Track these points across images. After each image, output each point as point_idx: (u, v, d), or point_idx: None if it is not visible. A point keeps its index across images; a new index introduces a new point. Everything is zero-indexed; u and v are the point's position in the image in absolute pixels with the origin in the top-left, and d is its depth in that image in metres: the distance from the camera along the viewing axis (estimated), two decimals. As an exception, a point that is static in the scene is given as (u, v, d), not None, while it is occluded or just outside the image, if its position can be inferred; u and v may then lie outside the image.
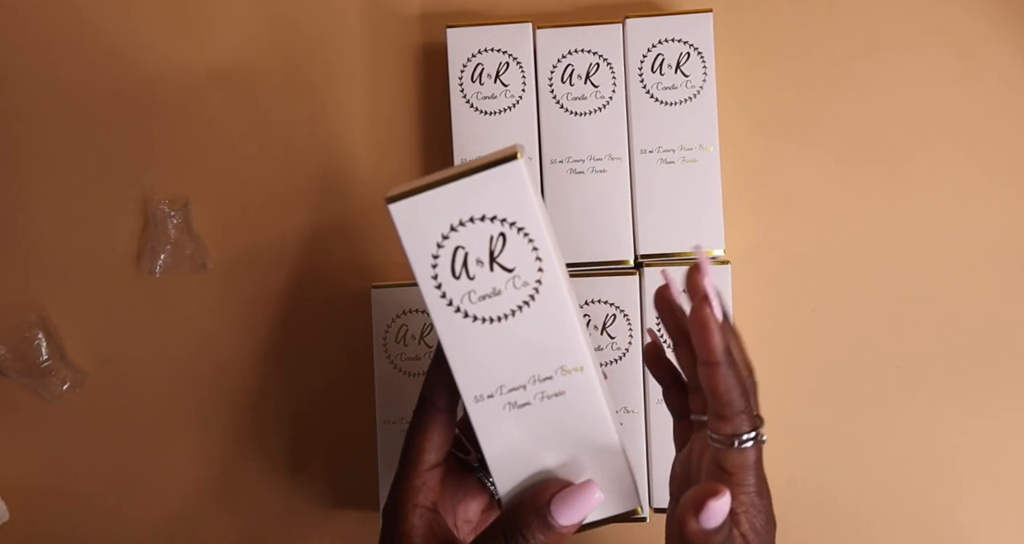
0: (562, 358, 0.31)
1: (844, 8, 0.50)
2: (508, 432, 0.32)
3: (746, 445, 0.31)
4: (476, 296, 0.30)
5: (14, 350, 0.50)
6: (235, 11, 0.52)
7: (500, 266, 0.30)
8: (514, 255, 0.30)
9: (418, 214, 0.29)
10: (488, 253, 0.29)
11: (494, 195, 0.29)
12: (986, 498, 0.49)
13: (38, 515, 0.52)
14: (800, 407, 0.50)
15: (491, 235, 0.29)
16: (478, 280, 0.30)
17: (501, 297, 0.30)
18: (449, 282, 0.30)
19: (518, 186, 0.29)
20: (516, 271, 0.30)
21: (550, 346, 0.30)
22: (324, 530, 0.52)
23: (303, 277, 0.52)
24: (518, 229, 0.29)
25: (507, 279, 0.30)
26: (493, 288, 0.30)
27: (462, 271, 0.30)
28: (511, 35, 0.47)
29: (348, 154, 0.52)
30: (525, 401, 0.31)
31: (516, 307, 0.30)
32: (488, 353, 0.30)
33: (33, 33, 0.53)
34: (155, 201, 0.51)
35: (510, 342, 0.30)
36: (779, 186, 0.50)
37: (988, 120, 0.49)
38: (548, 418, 0.31)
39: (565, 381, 0.31)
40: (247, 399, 0.52)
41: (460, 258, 0.29)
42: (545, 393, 0.31)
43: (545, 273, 0.30)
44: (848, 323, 0.49)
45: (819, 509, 0.49)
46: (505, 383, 0.31)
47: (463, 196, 0.29)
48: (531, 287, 0.30)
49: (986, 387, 0.49)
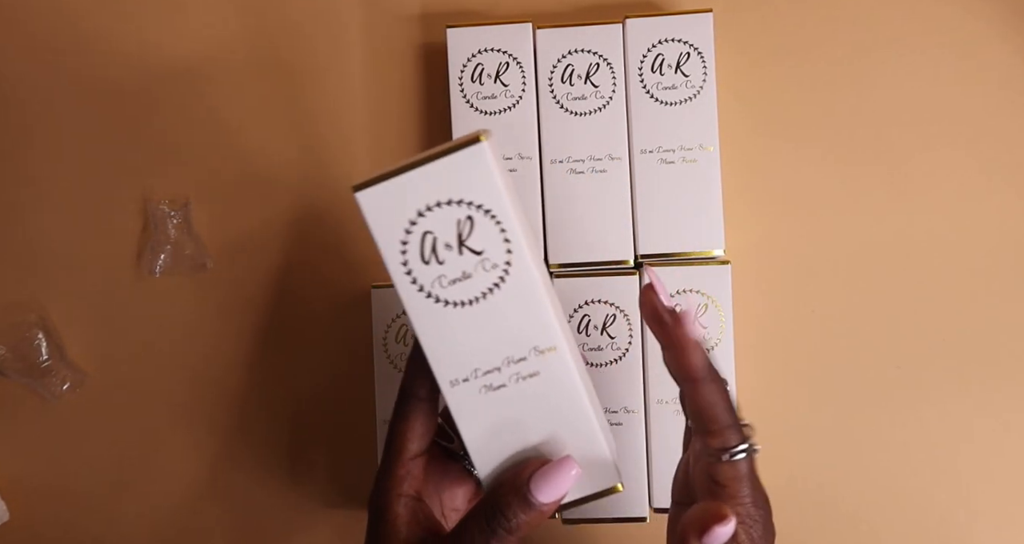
0: (535, 339, 0.31)
1: (844, 8, 0.50)
2: (485, 415, 0.32)
3: (737, 457, 0.31)
4: (447, 280, 0.30)
5: (14, 350, 0.50)
6: (235, 11, 0.52)
7: (469, 249, 0.30)
8: (482, 238, 0.30)
9: (385, 201, 0.29)
10: (456, 237, 0.30)
11: (460, 179, 0.29)
12: (986, 498, 0.49)
13: (38, 515, 0.52)
14: (800, 407, 0.50)
15: (458, 219, 0.29)
16: (448, 264, 0.30)
17: (472, 280, 0.30)
18: (419, 268, 0.30)
19: (483, 169, 0.29)
20: (485, 253, 0.30)
21: (522, 327, 0.31)
22: (324, 529, 0.52)
23: (303, 277, 0.52)
24: (484, 211, 0.29)
25: (476, 262, 0.30)
26: (463, 272, 0.30)
27: (431, 256, 0.30)
28: (511, 35, 0.47)
29: (348, 154, 0.52)
30: (500, 383, 0.31)
31: (487, 289, 0.30)
32: (461, 337, 0.31)
33: (32, 33, 0.53)
34: (155, 201, 0.51)
35: (482, 325, 0.30)
36: (779, 186, 0.50)
37: (988, 120, 0.49)
38: (524, 400, 0.31)
39: (539, 362, 0.31)
40: (247, 399, 0.52)
41: (429, 243, 0.30)
42: (520, 374, 0.31)
43: (514, 255, 0.30)
44: (848, 323, 0.49)
45: (819, 509, 0.49)
46: (480, 366, 0.31)
47: (429, 181, 0.29)
48: (500, 269, 0.30)
49: (986, 387, 0.49)
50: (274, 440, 0.52)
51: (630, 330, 0.47)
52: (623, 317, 0.47)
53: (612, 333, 0.47)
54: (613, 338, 0.47)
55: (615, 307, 0.47)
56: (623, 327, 0.47)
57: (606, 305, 0.47)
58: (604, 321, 0.47)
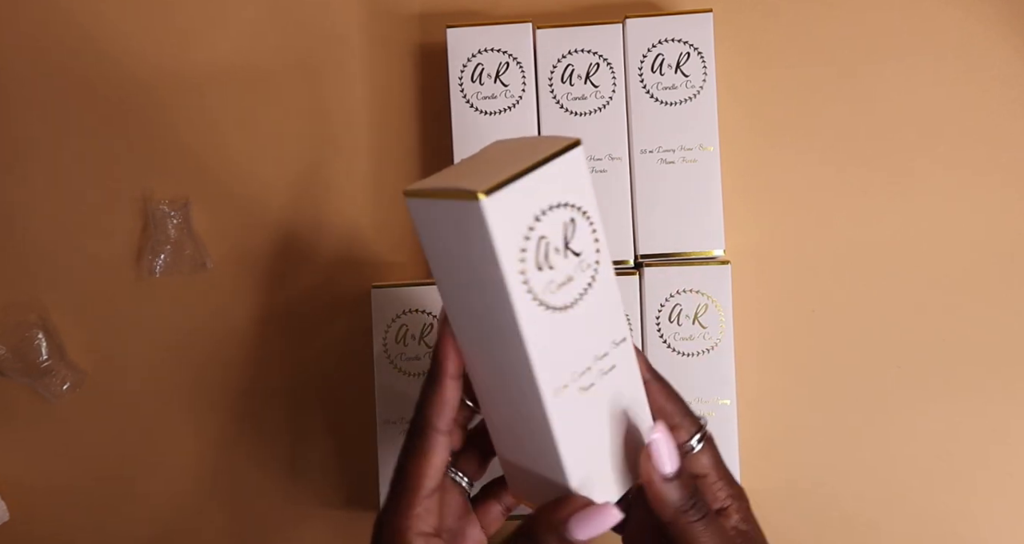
0: (613, 332, 0.31)
1: (844, 8, 0.50)
2: (581, 418, 0.31)
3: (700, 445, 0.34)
4: (555, 285, 0.29)
5: (14, 350, 0.50)
6: (235, 11, 0.52)
7: (572, 252, 0.29)
8: (581, 239, 0.30)
9: (511, 205, 0.27)
10: (563, 240, 0.29)
11: (565, 182, 0.29)
12: (986, 498, 0.49)
13: (38, 515, 0.52)
14: (800, 407, 0.50)
15: (564, 222, 0.29)
16: (556, 269, 0.29)
17: (573, 283, 0.30)
18: (534, 275, 0.29)
19: (582, 172, 0.29)
20: (583, 255, 0.30)
21: (605, 323, 0.31)
22: (324, 529, 0.52)
23: (303, 277, 0.52)
24: (582, 212, 0.29)
25: (576, 264, 0.30)
26: (567, 275, 0.29)
27: (544, 261, 0.29)
28: (511, 35, 0.47)
29: (348, 154, 0.52)
30: (590, 382, 0.31)
31: (583, 290, 0.30)
32: (563, 341, 0.30)
33: (33, 34, 0.53)
34: (155, 201, 0.51)
35: (579, 326, 0.30)
36: (779, 186, 0.50)
37: (988, 120, 0.49)
38: (606, 395, 0.32)
39: (615, 354, 0.31)
40: (247, 399, 0.52)
41: (543, 248, 0.29)
42: (603, 369, 0.31)
43: (601, 253, 0.30)
44: (848, 323, 0.49)
45: (819, 509, 0.49)
46: (576, 368, 0.30)
47: (545, 184, 0.28)
48: (592, 268, 0.30)
49: (986, 387, 0.49)
50: (274, 439, 0.52)
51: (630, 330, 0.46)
52: (623, 317, 0.47)
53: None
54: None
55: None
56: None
57: (606, 305, 0.46)
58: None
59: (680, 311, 0.46)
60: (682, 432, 0.33)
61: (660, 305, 0.46)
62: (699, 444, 0.34)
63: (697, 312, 0.46)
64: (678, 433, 0.33)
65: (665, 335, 0.46)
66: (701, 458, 0.33)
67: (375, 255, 0.51)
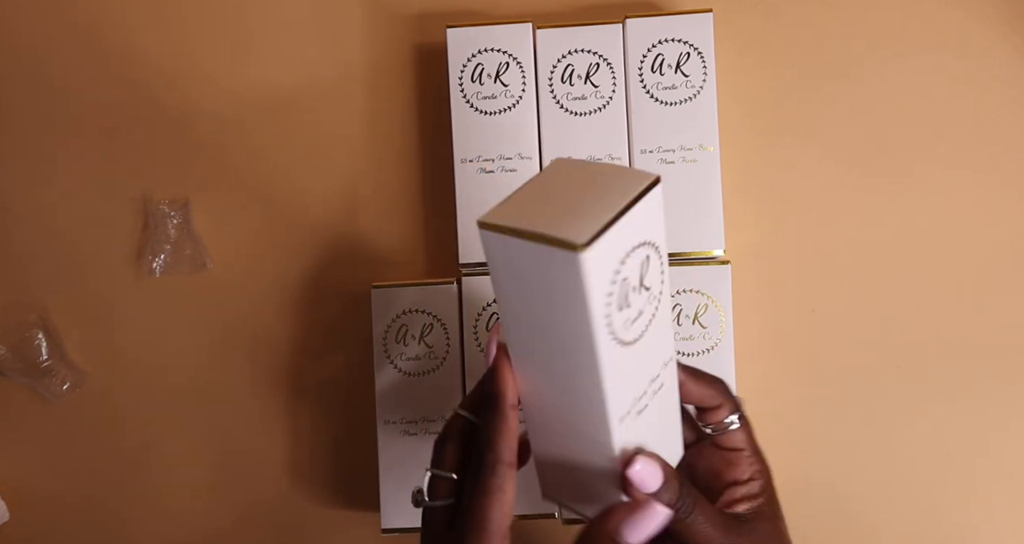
0: (663, 354, 0.32)
1: (844, 8, 0.50)
2: (635, 437, 0.32)
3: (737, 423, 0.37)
4: (629, 322, 0.29)
5: (14, 350, 0.50)
6: (234, 11, 0.52)
7: (645, 288, 0.29)
8: (652, 274, 0.30)
9: (603, 256, 0.27)
10: (639, 278, 0.29)
11: (648, 221, 0.29)
12: (987, 498, 0.49)
13: (38, 515, 0.52)
14: (800, 407, 0.50)
15: (641, 260, 0.29)
16: (633, 305, 0.29)
17: (642, 317, 0.30)
18: (615, 315, 0.28)
19: (659, 209, 0.29)
20: (652, 289, 0.30)
21: (659, 347, 0.31)
22: (324, 529, 0.52)
23: (303, 277, 0.52)
24: (655, 248, 0.29)
25: (647, 298, 0.30)
26: (640, 311, 0.29)
27: (623, 301, 0.28)
28: (511, 35, 0.47)
29: (348, 154, 0.52)
30: (645, 405, 0.32)
31: (648, 322, 0.30)
32: (630, 372, 0.30)
33: (33, 35, 0.53)
34: (155, 201, 0.51)
35: (641, 356, 0.31)
36: (779, 186, 0.50)
37: (988, 120, 0.49)
38: (656, 412, 0.33)
39: (664, 373, 0.33)
40: (247, 399, 0.52)
41: (624, 289, 0.28)
42: (654, 390, 0.32)
43: (664, 284, 0.31)
44: (848, 323, 0.49)
45: (819, 509, 0.49)
46: (636, 394, 0.31)
47: (631, 226, 0.28)
48: (657, 300, 0.30)
49: (986, 387, 0.49)
50: (274, 439, 0.52)
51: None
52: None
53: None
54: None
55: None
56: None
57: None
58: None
59: (680, 311, 0.46)
60: (722, 411, 0.36)
61: (660, 305, 0.46)
62: (738, 421, 0.37)
63: (697, 312, 0.46)
64: (719, 412, 0.36)
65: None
66: (738, 434, 0.37)
67: (375, 255, 0.51)
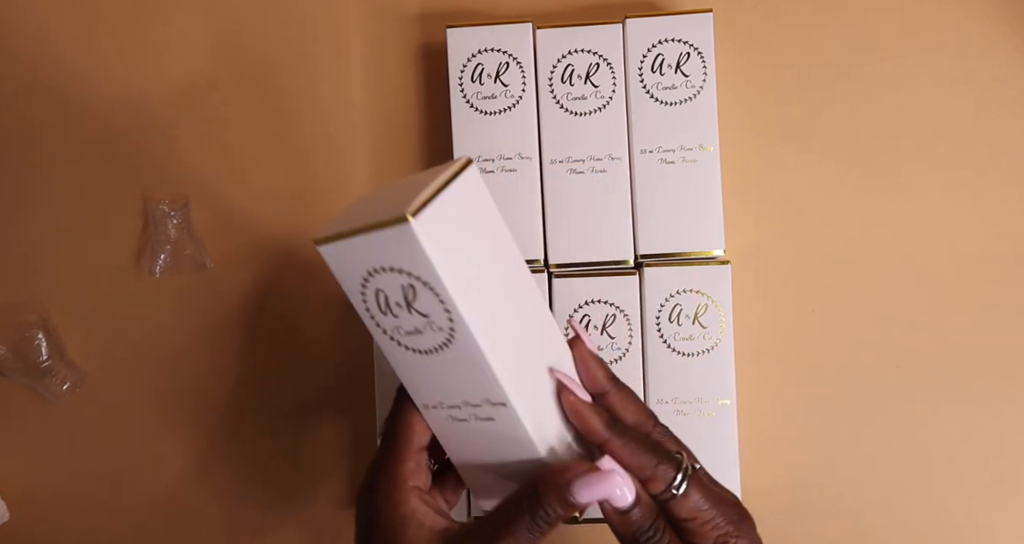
0: (486, 393, 0.31)
1: (844, 8, 0.50)
2: (457, 437, 0.34)
3: (682, 488, 0.32)
4: (403, 331, 0.31)
5: (14, 350, 0.50)
6: (235, 11, 0.52)
7: (416, 311, 0.30)
8: (426, 304, 0.29)
9: (341, 257, 0.30)
10: (403, 299, 0.30)
11: (397, 250, 0.28)
12: (987, 498, 0.49)
13: (38, 515, 0.52)
14: (800, 407, 0.50)
15: (402, 285, 0.29)
16: (401, 318, 0.30)
17: (424, 335, 0.30)
18: (379, 316, 0.31)
19: (414, 246, 0.28)
20: (431, 317, 0.30)
21: (474, 382, 0.31)
22: (324, 529, 0.52)
23: (303, 277, 0.52)
24: (423, 283, 0.29)
25: (424, 322, 0.30)
26: (415, 327, 0.30)
27: (387, 309, 0.30)
28: (511, 35, 0.47)
29: (348, 154, 0.52)
30: (463, 418, 0.33)
31: (437, 346, 0.30)
32: (425, 375, 0.32)
33: (33, 35, 0.53)
34: (155, 201, 0.51)
35: (439, 371, 0.31)
36: (779, 186, 0.50)
37: (988, 120, 0.49)
38: (486, 435, 0.33)
39: (492, 411, 0.32)
40: (247, 399, 0.52)
41: (382, 299, 0.30)
42: (478, 416, 0.32)
43: (455, 323, 0.29)
44: (848, 323, 0.49)
45: (819, 509, 0.49)
46: (444, 400, 0.32)
47: (372, 247, 0.29)
48: (446, 332, 0.30)
49: (986, 387, 0.49)
50: (274, 440, 0.52)
51: (630, 330, 0.47)
52: (623, 317, 0.47)
53: (612, 333, 0.47)
54: (613, 338, 0.47)
55: (615, 307, 0.47)
56: (623, 327, 0.47)
57: (606, 305, 0.47)
58: (604, 321, 0.47)
59: (680, 311, 0.46)
60: (658, 483, 0.32)
61: (660, 305, 0.46)
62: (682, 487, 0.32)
63: (697, 312, 0.46)
64: (654, 484, 0.32)
65: (665, 335, 0.46)
66: (686, 502, 0.32)
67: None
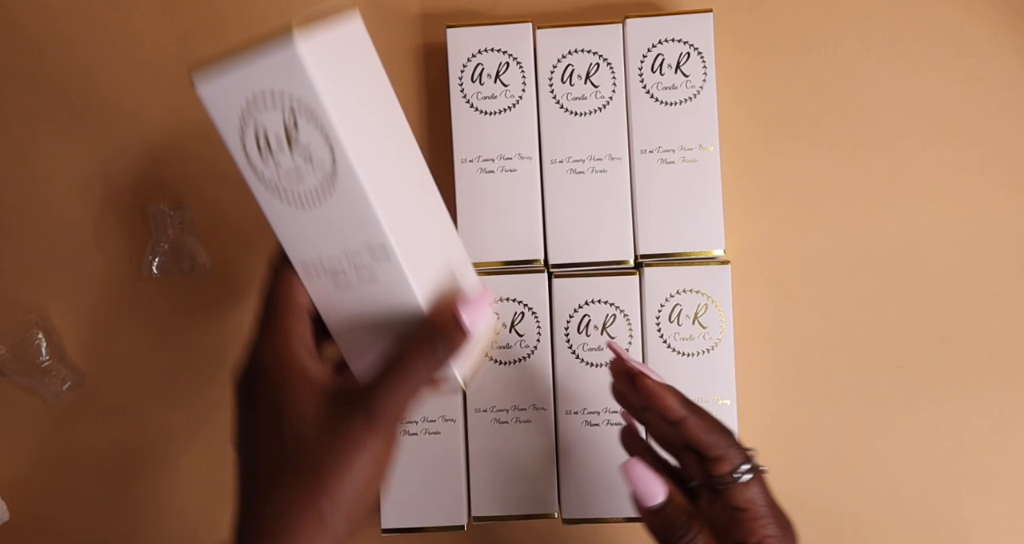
0: (367, 235, 0.31)
1: (844, 8, 0.50)
2: (339, 307, 0.32)
3: (746, 476, 0.32)
4: (283, 177, 0.30)
5: (14, 350, 0.50)
6: (235, 11, 0.52)
7: (298, 149, 0.29)
8: (307, 135, 0.29)
9: (222, 92, 0.29)
10: (284, 134, 0.29)
11: (279, 72, 0.28)
12: (988, 498, 0.49)
13: (38, 515, 0.52)
14: (800, 407, 0.50)
15: (284, 119, 0.29)
16: (282, 163, 0.29)
17: (304, 180, 0.30)
18: (259, 163, 0.30)
19: (298, 65, 0.28)
20: (312, 151, 0.29)
21: (354, 225, 0.30)
22: (324, 530, 0.52)
23: (303, 277, 0.52)
24: (305, 109, 0.28)
25: (304, 161, 0.29)
26: (296, 170, 0.30)
27: (267, 151, 0.29)
28: (511, 35, 0.47)
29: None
30: (345, 282, 0.32)
31: (318, 189, 0.30)
32: (305, 228, 0.31)
33: (33, 34, 0.53)
34: (155, 201, 0.51)
35: (321, 223, 0.30)
36: (780, 186, 0.50)
37: (988, 120, 0.49)
38: (367, 299, 0.32)
39: (375, 265, 0.31)
40: (247, 399, 0.52)
41: (262, 138, 0.29)
42: (360, 276, 0.31)
43: (336, 155, 0.29)
44: (848, 323, 0.49)
45: (819, 509, 0.49)
46: (323, 253, 0.31)
47: (255, 75, 0.28)
48: (327, 168, 0.29)
49: (987, 387, 0.49)
50: (274, 440, 0.52)
51: (630, 330, 0.47)
52: (623, 317, 0.47)
53: (612, 333, 0.47)
54: (613, 337, 0.47)
55: (615, 307, 0.47)
56: (623, 327, 0.47)
57: (606, 305, 0.47)
58: (604, 321, 0.47)
59: (680, 311, 0.46)
60: (724, 464, 0.33)
61: (660, 305, 0.46)
62: (746, 476, 0.32)
63: (697, 312, 0.46)
64: (722, 464, 0.32)
65: (665, 335, 0.46)
66: (745, 491, 0.32)
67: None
